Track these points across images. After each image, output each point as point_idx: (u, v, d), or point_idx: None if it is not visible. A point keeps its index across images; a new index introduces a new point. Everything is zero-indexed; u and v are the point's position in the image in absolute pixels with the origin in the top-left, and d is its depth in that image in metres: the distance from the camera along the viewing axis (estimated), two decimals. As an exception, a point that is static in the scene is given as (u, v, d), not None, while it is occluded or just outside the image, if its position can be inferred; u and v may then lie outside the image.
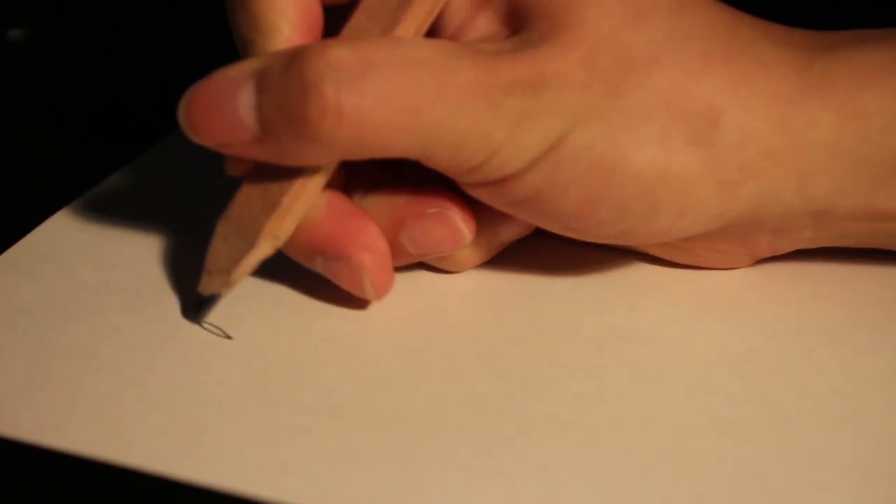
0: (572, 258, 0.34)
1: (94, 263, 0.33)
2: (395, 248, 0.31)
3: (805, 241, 0.32)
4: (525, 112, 0.28)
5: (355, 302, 0.32)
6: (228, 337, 0.30)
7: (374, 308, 0.31)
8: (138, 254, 0.33)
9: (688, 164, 0.29)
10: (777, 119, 0.29)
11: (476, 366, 0.29)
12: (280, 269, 0.33)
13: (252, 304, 0.31)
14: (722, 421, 0.28)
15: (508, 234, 0.32)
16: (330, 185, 0.30)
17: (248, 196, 0.30)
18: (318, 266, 0.31)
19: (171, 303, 0.31)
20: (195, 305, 0.30)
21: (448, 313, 0.31)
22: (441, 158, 0.28)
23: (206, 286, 0.30)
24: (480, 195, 0.30)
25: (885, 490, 0.26)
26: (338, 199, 0.31)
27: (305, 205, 0.29)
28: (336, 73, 0.27)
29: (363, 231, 0.30)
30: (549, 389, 0.28)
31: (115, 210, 0.35)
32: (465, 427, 0.27)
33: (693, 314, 0.31)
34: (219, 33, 0.50)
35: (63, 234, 0.34)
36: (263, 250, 0.29)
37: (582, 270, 0.33)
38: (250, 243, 0.29)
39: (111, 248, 0.34)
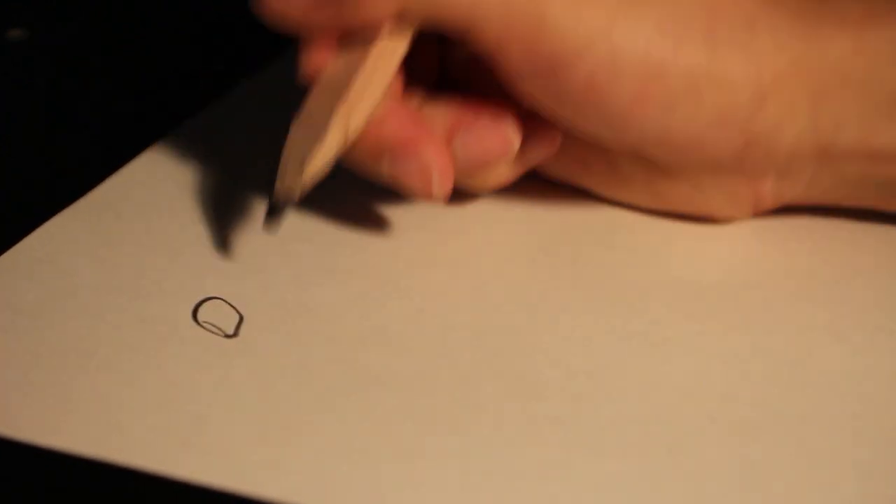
0: (572, 257, 0.34)
1: (94, 263, 0.33)
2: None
3: (806, 183, 0.33)
4: None
5: (355, 301, 0.32)
6: (229, 336, 0.30)
7: (374, 307, 0.31)
8: (138, 254, 0.33)
9: (730, 65, 0.31)
10: (801, 34, 0.31)
11: (476, 366, 0.29)
12: (280, 268, 0.33)
13: (252, 304, 0.31)
14: (722, 421, 0.28)
15: (536, 153, 0.33)
16: (390, 95, 0.32)
17: (317, 97, 0.31)
18: (385, 167, 0.32)
19: (172, 303, 0.31)
20: (271, 212, 0.31)
21: (447, 313, 0.31)
22: (492, 29, 0.30)
23: (280, 191, 0.31)
24: (533, 87, 0.31)
25: (885, 490, 0.26)
26: (400, 105, 0.32)
27: (371, 98, 0.31)
28: None
29: (427, 130, 0.32)
30: (549, 389, 0.28)
31: (115, 210, 0.35)
32: (466, 427, 0.27)
33: (693, 314, 0.31)
34: (219, 33, 0.50)
35: (63, 235, 0.34)
36: (334, 139, 0.30)
37: (581, 270, 0.33)
38: (321, 136, 0.30)
39: (111, 248, 0.34)
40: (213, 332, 0.30)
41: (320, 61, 0.32)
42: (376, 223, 0.35)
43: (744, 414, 0.28)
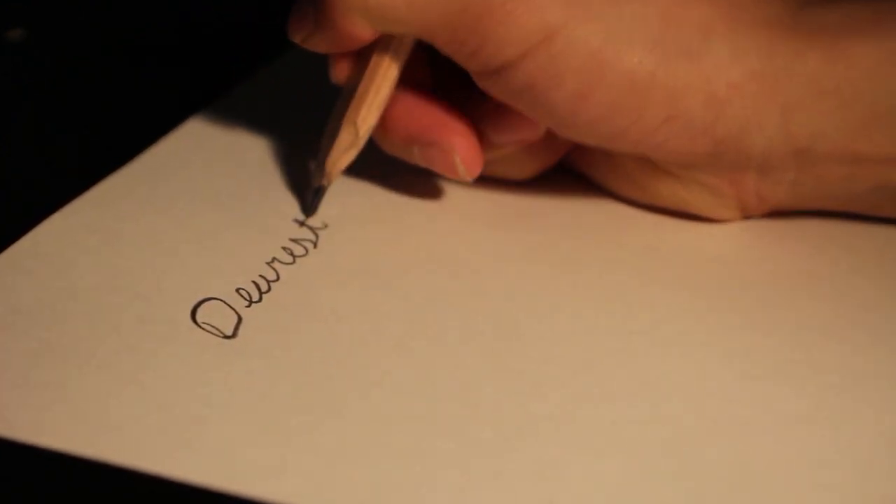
0: (572, 256, 0.34)
1: (94, 263, 0.33)
2: (479, 137, 0.34)
3: (789, 184, 0.33)
4: (520, 2, 0.30)
5: (355, 302, 0.32)
6: (227, 337, 0.30)
7: (374, 307, 0.31)
8: (138, 253, 0.33)
9: (678, 72, 0.31)
10: (767, 45, 0.31)
11: (475, 365, 0.29)
12: (279, 268, 0.33)
13: (251, 305, 0.31)
14: (722, 421, 0.28)
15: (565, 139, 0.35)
16: (420, 86, 0.35)
17: (341, 99, 0.35)
18: (416, 155, 0.35)
19: (171, 303, 0.31)
20: (308, 199, 0.35)
21: (447, 313, 0.31)
22: (441, 40, 0.32)
23: (314, 180, 0.35)
24: (485, 85, 0.33)
25: (886, 490, 0.26)
26: (429, 97, 0.35)
27: (380, 95, 0.34)
28: None
29: (453, 118, 0.34)
30: (549, 389, 0.28)
31: (114, 209, 0.35)
32: (465, 427, 0.27)
33: (692, 313, 0.31)
34: (219, 33, 0.50)
35: (63, 234, 0.34)
36: (345, 138, 0.34)
37: (581, 269, 0.33)
38: (335, 137, 0.34)
39: (111, 248, 0.34)
40: (211, 333, 0.30)
41: (342, 71, 0.35)
42: (375, 223, 0.35)
43: (743, 414, 0.28)
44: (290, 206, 0.36)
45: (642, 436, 0.27)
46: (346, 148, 0.34)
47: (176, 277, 0.32)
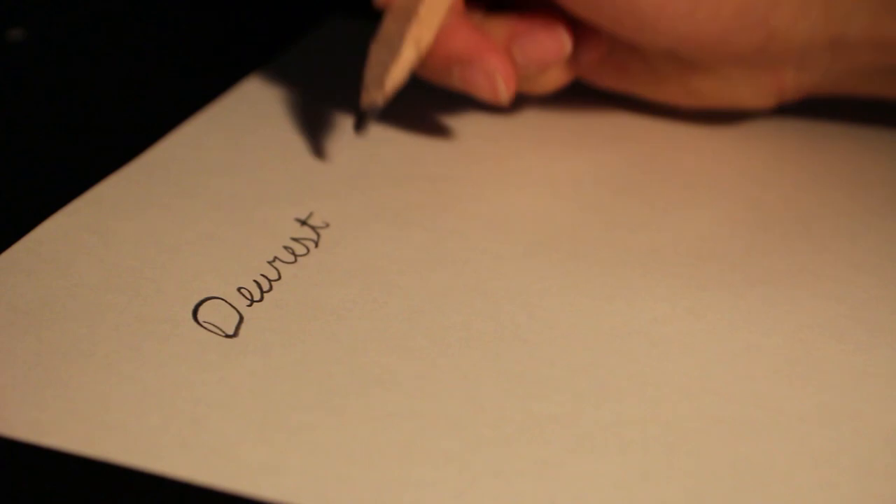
0: (571, 256, 0.34)
1: (94, 263, 0.33)
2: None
3: (822, 73, 0.37)
4: None
5: (355, 301, 0.32)
6: (229, 336, 0.30)
7: (374, 307, 0.31)
8: (138, 253, 0.33)
9: None
10: None
11: (476, 365, 0.29)
12: (279, 268, 0.33)
13: (252, 304, 0.31)
14: (722, 421, 0.28)
15: (586, 57, 0.39)
16: (454, 14, 0.37)
17: (390, 20, 0.37)
18: (455, 77, 0.37)
19: (172, 303, 0.31)
20: (359, 119, 0.37)
21: (447, 313, 0.31)
22: None
23: (365, 101, 0.36)
24: (573, 5, 0.36)
25: (885, 490, 0.26)
26: (463, 22, 0.37)
27: (437, 18, 0.37)
28: None
29: (489, 40, 0.37)
30: (550, 389, 0.29)
31: (114, 209, 0.35)
32: (466, 426, 0.27)
33: (692, 313, 0.31)
34: (218, 34, 0.50)
35: (63, 234, 0.34)
36: (408, 54, 0.36)
37: (580, 269, 0.33)
38: (397, 51, 0.36)
39: (111, 247, 0.34)
40: (213, 332, 0.30)
41: None
42: (376, 223, 0.35)
43: (744, 414, 0.28)
44: (291, 204, 0.36)
45: (642, 436, 0.27)
46: (406, 66, 0.36)
47: (177, 277, 0.32)
